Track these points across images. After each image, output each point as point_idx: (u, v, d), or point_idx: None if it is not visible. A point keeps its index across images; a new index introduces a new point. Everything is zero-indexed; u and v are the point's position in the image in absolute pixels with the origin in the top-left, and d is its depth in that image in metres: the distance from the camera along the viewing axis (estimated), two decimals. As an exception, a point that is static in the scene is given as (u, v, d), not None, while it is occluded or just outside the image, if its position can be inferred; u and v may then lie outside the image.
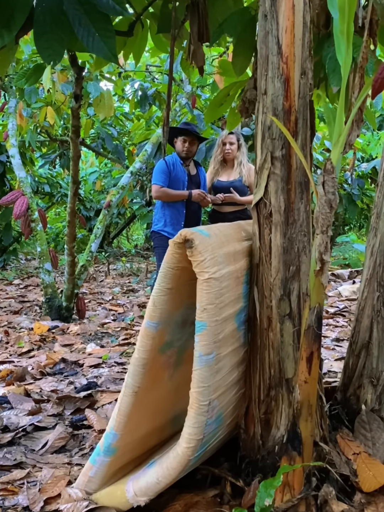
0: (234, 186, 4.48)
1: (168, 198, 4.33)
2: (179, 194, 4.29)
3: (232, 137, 4.51)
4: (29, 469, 2.05)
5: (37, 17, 1.94)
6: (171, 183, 4.29)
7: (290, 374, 1.66)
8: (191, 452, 1.53)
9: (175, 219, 4.33)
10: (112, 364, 3.50)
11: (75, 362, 3.58)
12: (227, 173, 4.59)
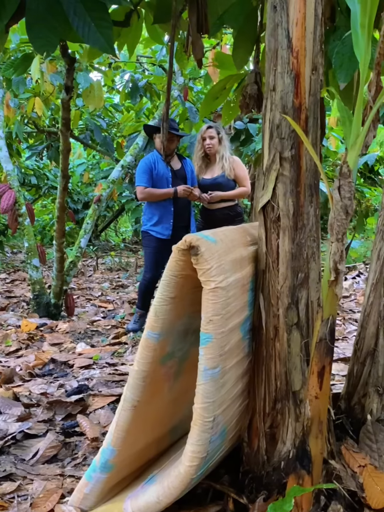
0: (217, 182, 4.38)
1: (154, 198, 4.26)
2: (164, 193, 4.21)
3: (212, 131, 4.39)
4: (20, 481, 1.96)
5: (30, 4, 1.83)
6: (155, 182, 4.22)
7: (297, 387, 1.58)
8: (194, 471, 1.44)
9: (163, 218, 4.27)
10: (103, 365, 3.40)
11: (65, 363, 3.47)
12: (211, 170, 4.50)
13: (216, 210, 4.42)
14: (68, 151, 4.23)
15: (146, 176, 4.20)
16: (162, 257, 4.32)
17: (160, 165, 4.26)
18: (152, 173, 4.21)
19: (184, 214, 4.35)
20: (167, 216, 4.25)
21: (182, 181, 4.34)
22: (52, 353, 3.68)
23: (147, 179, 4.20)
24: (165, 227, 4.25)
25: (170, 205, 4.26)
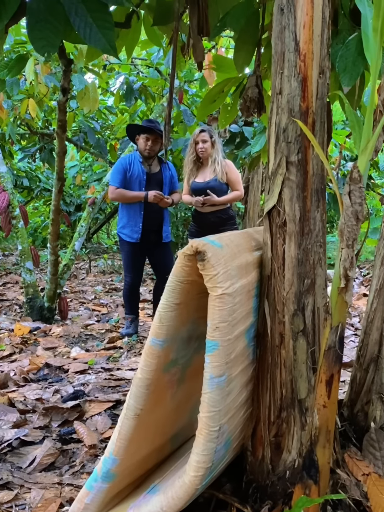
0: (210, 186, 4.32)
1: (125, 199, 4.19)
2: (134, 196, 4.14)
3: (204, 134, 4.35)
4: (17, 490, 1.92)
5: (31, 5, 1.79)
6: (128, 183, 4.16)
7: (303, 395, 1.55)
8: (199, 481, 1.41)
9: (132, 221, 4.20)
10: (98, 370, 3.36)
11: (59, 368, 3.43)
12: (203, 173, 4.44)
13: (208, 213, 4.38)
14: (64, 153, 4.19)
15: (119, 177, 4.14)
16: (137, 260, 4.29)
17: (136, 166, 4.18)
18: (126, 174, 4.14)
19: (155, 218, 4.27)
20: (136, 219, 4.19)
21: (157, 185, 4.26)
22: (47, 357, 3.63)
23: (120, 179, 4.13)
24: (134, 230, 4.19)
25: (140, 208, 4.18)
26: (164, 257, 4.38)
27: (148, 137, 4.13)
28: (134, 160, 4.19)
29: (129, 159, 4.19)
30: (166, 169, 4.37)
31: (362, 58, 1.98)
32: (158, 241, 4.30)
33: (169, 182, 4.36)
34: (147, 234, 4.20)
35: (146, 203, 4.13)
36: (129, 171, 4.13)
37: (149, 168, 4.26)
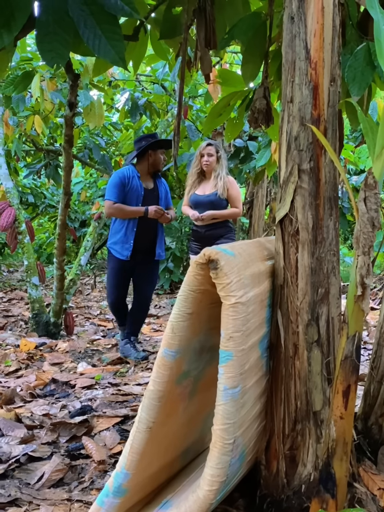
0: (209, 200, 4.29)
1: (123, 215, 3.99)
2: (134, 211, 3.94)
3: (211, 148, 4.33)
4: (26, 507, 1.88)
5: (40, 17, 1.80)
6: (125, 198, 3.96)
7: (318, 407, 1.52)
8: (213, 496, 1.38)
9: (124, 237, 4.00)
10: (106, 385, 3.32)
11: (66, 383, 3.39)
12: (204, 186, 4.40)
13: (206, 226, 4.33)
14: (70, 168, 4.19)
15: (117, 191, 3.93)
16: (122, 278, 4.12)
17: (134, 181, 3.99)
18: (124, 189, 3.95)
19: (148, 236, 4.07)
20: (128, 236, 3.99)
21: (154, 201, 4.09)
22: (53, 373, 3.60)
23: (118, 194, 3.92)
24: (125, 247, 3.99)
25: (133, 224, 3.99)
26: (148, 278, 4.18)
27: (163, 151, 4.10)
28: (132, 175, 4.01)
29: (127, 173, 4.00)
30: (161, 185, 4.25)
31: (371, 68, 1.98)
32: (148, 258, 4.12)
33: (165, 198, 4.23)
34: (138, 252, 4.03)
35: (140, 219, 3.97)
36: (127, 186, 3.96)
37: (146, 183, 4.10)
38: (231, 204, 4.39)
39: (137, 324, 4.26)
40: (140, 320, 4.28)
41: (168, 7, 2.53)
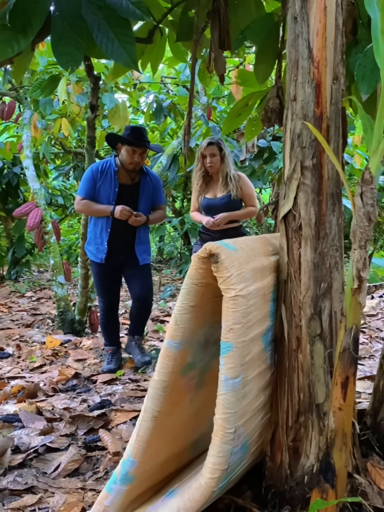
0: (224, 203, 3.88)
1: (90, 212, 3.66)
2: (100, 210, 3.53)
3: (213, 148, 3.86)
4: (41, 494, 1.96)
5: (55, 22, 1.88)
6: (97, 195, 3.54)
7: (321, 399, 1.55)
8: (215, 483, 1.42)
9: (98, 238, 3.61)
10: (126, 381, 3.39)
11: (88, 378, 3.48)
12: (213, 189, 3.97)
13: (218, 232, 3.87)
14: (93, 169, 4.27)
15: (87, 186, 3.53)
16: (107, 282, 3.72)
17: (109, 176, 3.53)
18: (95, 184, 3.52)
19: (125, 237, 3.61)
20: (102, 237, 3.59)
21: (130, 199, 3.57)
22: (76, 368, 3.68)
23: (88, 189, 3.52)
24: (99, 249, 3.60)
25: (107, 224, 3.56)
26: (140, 283, 3.70)
27: (135, 150, 3.46)
28: (108, 168, 3.57)
29: (102, 166, 3.57)
30: (147, 181, 3.68)
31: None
32: (130, 263, 3.67)
33: (148, 197, 3.68)
34: (115, 255, 3.62)
35: (114, 219, 3.51)
36: (99, 181, 3.53)
37: (126, 178, 3.60)
38: (246, 202, 4.01)
39: (137, 322, 3.84)
40: (139, 319, 3.83)
41: (184, 9, 2.58)
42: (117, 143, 3.55)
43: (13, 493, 1.95)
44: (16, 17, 1.82)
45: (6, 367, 3.82)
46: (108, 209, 3.49)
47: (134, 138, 3.47)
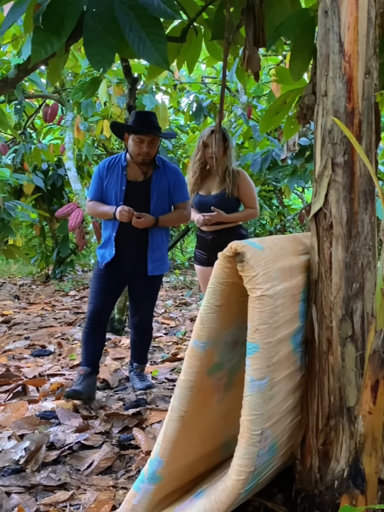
0: (217, 201, 3.40)
1: (96, 215, 3.38)
2: (103, 212, 3.11)
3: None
4: (73, 490, 1.98)
5: (87, 22, 1.89)
6: (105, 194, 3.15)
7: (352, 403, 1.51)
8: (241, 485, 1.40)
9: (107, 242, 3.15)
10: (162, 381, 3.40)
11: (125, 377, 3.50)
12: (208, 184, 3.49)
13: (213, 233, 3.45)
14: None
15: (95, 186, 3.15)
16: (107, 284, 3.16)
17: (116, 173, 3.11)
18: (102, 183, 3.12)
19: (135, 243, 3.10)
20: (110, 241, 3.13)
21: (142, 197, 3.09)
22: (114, 367, 3.72)
23: (95, 189, 3.14)
24: (107, 253, 3.13)
25: (113, 228, 3.11)
26: (138, 301, 3.26)
27: (141, 138, 3.00)
28: (116, 164, 3.15)
29: (110, 162, 3.17)
30: (161, 176, 3.15)
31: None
32: (138, 273, 3.14)
33: (164, 194, 3.15)
34: (122, 263, 3.12)
35: (121, 222, 3.04)
36: (105, 178, 3.12)
37: (136, 174, 3.13)
38: (245, 203, 3.51)
39: (137, 347, 3.37)
40: (138, 344, 3.35)
41: (219, 7, 2.56)
42: (123, 133, 3.12)
43: (46, 489, 1.98)
44: (49, 19, 1.84)
45: (46, 364, 3.89)
46: (111, 210, 3.05)
47: (140, 125, 3.03)
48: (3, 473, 2.05)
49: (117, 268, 3.11)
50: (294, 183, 6.33)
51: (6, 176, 5.18)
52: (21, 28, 4.19)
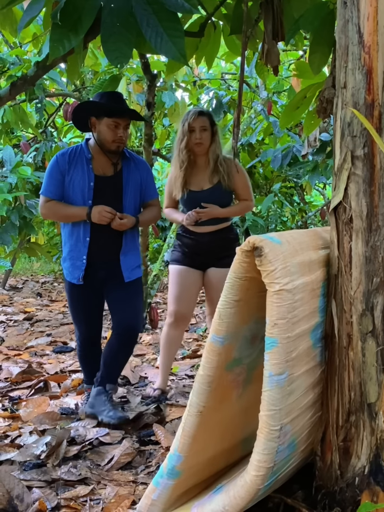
0: (215, 196, 2.92)
1: (59, 218, 2.78)
2: (72, 213, 2.60)
3: (204, 120, 2.87)
4: (93, 485, 1.99)
5: (105, 18, 1.90)
6: (67, 192, 2.61)
7: (372, 399, 1.49)
8: (260, 481, 1.39)
9: (75, 251, 2.64)
10: (182, 377, 3.41)
11: (145, 373, 3.52)
12: (197, 177, 2.95)
13: (204, 235, 2.92)
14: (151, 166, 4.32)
15: (53, 182, 2.61)
16: (85, 308, 2.73)
17: (80, 167, 2.61)
18: (63, 179, 2.60)
19: (109, 247, 2.65)
20: (78, 250, 2.62)
21: (112, 196, 2.62)
22: (134, 363, 3.73)
23: (55, 186, 2.61)
24: (76, 265, 2.63)
25: (85, 232, 2.60)
26: (122, 306, 2.71)
27: (118, 122, 2.53)
28: (78, 156, 2.63)
29: (71, 154, 2.63)
30: (131, 169, 2.71)
31: None
32: (113, 281, 2.69)
33: (136, 190, 2.72)
34: (96, 271, 2.66)
35: (93, 225, 2.57)
36: (67, 174, 2.60)
37: (104, 168, 2.65)
38: (240, 195, 3.03)
39: (113, 365, 2.72)
40: (116, 358, 2.71)
41: (237, 2, 2.55)
42: (88, 118, 2.59)
43: (67, 483, 2.00)
44: (67, 15, 1.85)
45: (68, 360, 3.92)
46: (83, 211, 2.55)
47: (114, 105, 2.57)
48: (25, 468, 2.06)
49: (90, 279, 2.65)
50: (315, 179, 6.26)
51: (28, 174, 5.22)
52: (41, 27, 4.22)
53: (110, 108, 2.53)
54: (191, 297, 3.00)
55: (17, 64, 4.61)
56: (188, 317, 3.10)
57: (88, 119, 2.59)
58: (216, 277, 2.88)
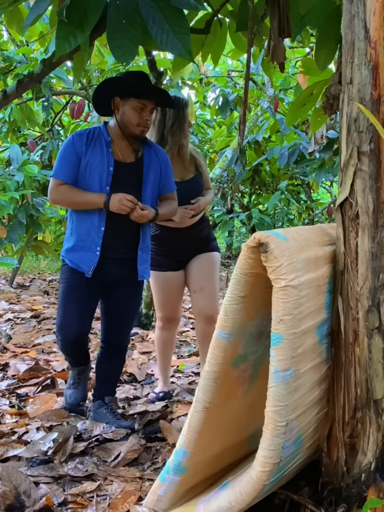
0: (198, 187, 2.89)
1: (71, 204, 2.47)
2: (88, 200, 2.37)
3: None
4: (100, 481, 1.99)
5: (111, 15, 1.90)
6: (82, 177, 2.39)
7: (379, 395, 1.48)
8: (266, 477, 1.39)
9: (87, 241, 2.40)
10: (189, 374, 3.41)
11: (151, 371, 3.52)
12: (177, 166, 2.77)
13: (188, 228, 2.84)
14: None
15: (68, 164, 2.38)
16: (83, 304, 2.46)
17: (99, 150, 2.39)
18: (79, 162, 2.37)
19: (125, 243, 2.46)
20: (91, 239, 2.39)
21: (131, 184, 2.42)
22: (141, 361, 3.74)
23: (69, 169, 2.37)
24: (87, 257, 2.40)
25: (100, 220, 2.38)
26: (119, 316, 2.55)
27: (145, 104, 2.36)
28: (96, 138, 2.41)
29: (88, 135, 2.41)
30: (153, 158, 2.51)
31: None
32: (126, 277, 2.49)
33: (156, 181, 2.52)
34: (108, 266, 2.43)
35: (111, 214, 2.34)
36: (84, 156, 2.37)
37: (124, 153, 2.45)
38: (206, 184, 2.99)
39: (108, 378, 2.66)
40: (111, 373, 2.67)
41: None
42: (113, 97, 2.38)
43: (74, 479, 2.00)
44: (73, 12, 1.86)
45: (75, 358, 3.93)
46: (100, 198, 2.33)
47: (143, 86, 2.40)
48: (32, 464, 2.07)
49: (100, 275, 2.42)
50: (322, 177, 6.24)
51: (35, 172, 5.24)
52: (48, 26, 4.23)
53: (140, 87, 2.34)
54: (175, 300, 3.00)
55: (24, 63, 4.62)
56: (177, 318, 3.12)
57: (110, 99, 2.39)
58: (197, 262, 2.88)
